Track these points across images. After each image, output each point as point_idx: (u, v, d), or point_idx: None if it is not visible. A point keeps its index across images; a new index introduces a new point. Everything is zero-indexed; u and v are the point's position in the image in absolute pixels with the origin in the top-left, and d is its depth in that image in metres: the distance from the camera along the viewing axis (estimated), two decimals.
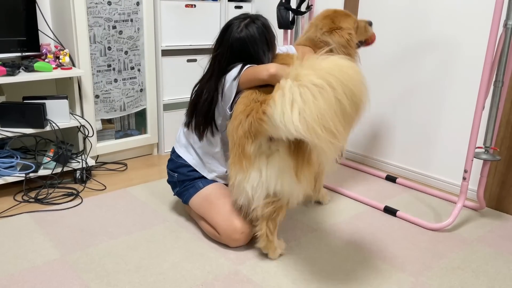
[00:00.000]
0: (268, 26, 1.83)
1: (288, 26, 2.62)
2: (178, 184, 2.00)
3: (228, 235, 1.78)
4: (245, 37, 1.76)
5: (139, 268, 1.68)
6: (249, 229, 1.80)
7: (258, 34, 1.77)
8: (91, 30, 2.48)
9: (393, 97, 2.64)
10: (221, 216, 1.81)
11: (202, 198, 1.90)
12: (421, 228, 2.06)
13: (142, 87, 2.79)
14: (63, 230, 1.95)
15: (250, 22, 1.78)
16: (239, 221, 1.79)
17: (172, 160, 2.03)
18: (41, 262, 1.70)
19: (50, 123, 2.28)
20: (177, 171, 1.98)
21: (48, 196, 2.25)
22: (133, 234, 1.93)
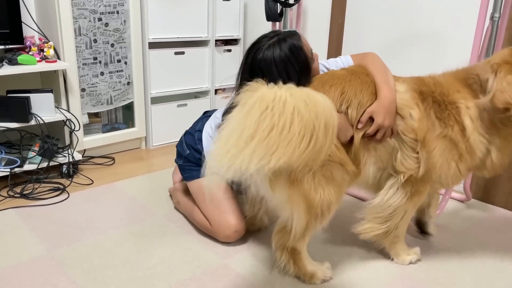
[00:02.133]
0: (298, 48, 1.58)
1: (276, 18, 2.60)
2: (184, 159, 1.94)
3: (221, 230, 1.77)
4: (265, 58, 1.54)
5: (127, 263, 1.67)
6: (243, 228, 1.79)
7: (284, 56, 1.54)
8: (76, 22, 2.44)
9: None
10: (218, 210, 1.79)
11: (203, 185, 1.87)
12: None
13: (129, 80, 2.76)
14: (49, 225, 1.93)
15: (276, 42, 1.57)
16: (235, 219, 1.77)
17: (192, 136, 1.94)
18: (27, 259, 1.68)
19: (35, 117, 2.24)
20: (190, 150, 1.91)
21: (34, 191, 2.22)
22: (121, 229, 1.91)
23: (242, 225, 1.79)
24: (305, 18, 2.95)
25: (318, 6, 2.86)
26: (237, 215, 1.79)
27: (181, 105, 3.00)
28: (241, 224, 1.78)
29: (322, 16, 2.85)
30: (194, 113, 2.85)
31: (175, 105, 2.98)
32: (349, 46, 2.77)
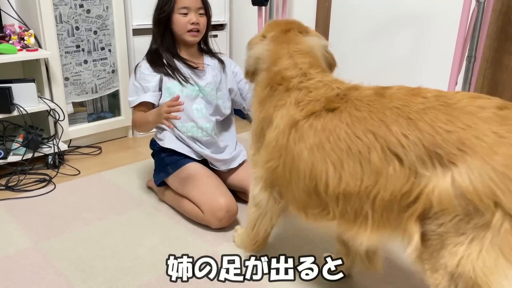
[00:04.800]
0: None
1: (262, 2, 2.56)
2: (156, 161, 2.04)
3: (212, 213, 1.76)
4: None
5: (115, 254, 1.66)
6: (234, 207, 1.80)
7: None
8: (57, 9, 2.38)
9: (367, 73, 2.64)
10: (206, 194, 1.79)
11: (184, 176, 1.88)
12: None
13: (114, 68, 2.71)
14: (35, 217, 1.90)
15: None
16: (225, 199, 1.77)
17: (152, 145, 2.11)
18: (13, 251, 1.66)
19: (18, 107, 2.20)
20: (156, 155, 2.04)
21: (19, 183, 2.19)
22: (108, 219, 1.90)
23: (233, 205, 1.79)
24: (291, 2, 2.91)
25: None
26: (226, 195, 1.79)
27: None
28: (232, 204, 1.79)
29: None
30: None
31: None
32: (336, 29, 2.75)
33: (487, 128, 0.99)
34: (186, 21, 1.90)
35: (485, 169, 0.96)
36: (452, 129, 1.01)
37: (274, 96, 1.39)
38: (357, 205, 1.16)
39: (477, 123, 1.01)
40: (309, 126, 1.23)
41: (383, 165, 1.09)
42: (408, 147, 1.05)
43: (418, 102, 1.10)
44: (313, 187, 1.22)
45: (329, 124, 1.19)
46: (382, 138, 1.09)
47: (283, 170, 1.30)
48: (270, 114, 1.38)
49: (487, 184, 0.96)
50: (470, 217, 1.00)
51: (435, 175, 1.03)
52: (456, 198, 1.00)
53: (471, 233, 1.00)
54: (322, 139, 1.19)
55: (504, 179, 0.94)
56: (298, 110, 1.28)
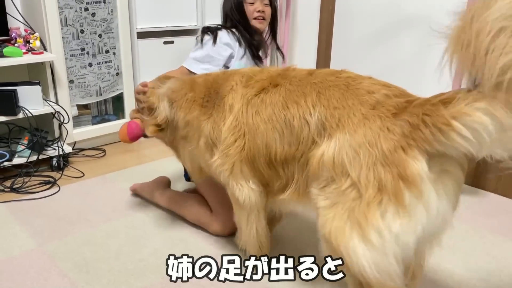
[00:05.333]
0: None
1: None
2: None
3: (223, 222, 1.75)
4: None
5: (119, 256, 1.66)
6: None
7: None
8: (62, 12, 2.40)
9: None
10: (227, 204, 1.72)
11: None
12: None
13: (118, 70, 2.73)
14: (40, 219, 1.91)
15: None
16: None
17: None
18: (17, 253, 1.67)
19: (23, 110, 2.22)
20: None
21: (24, 185, 2.20)
22: (112, 221, 1.91)
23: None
24: (295, 5, 2.92)
25: None
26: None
27: None
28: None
29: (312, 2, 2.82)
30: None
31: None
32: (339, 32, 2.76)
33: (359, 109, 1.15)
34: (253, 9, 2.03)
35: (344, 144, 1.13)
36: (338, 106, 1.18)
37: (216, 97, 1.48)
38: (292, 169, 1.31)
39: (355, 104, 1.16)
40: (261, 101, 1.35)
41: (301, 131, 1.25)
42: (313, 116, 1.22)
43: (330, 80, 1.26)
44: (269, 157, 1.34)
45: (274, 97, 1.33)
46: (301, 107, 1.25)
47: (249, 146, 1.38)
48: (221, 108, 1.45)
49: (341, 157, 1.12)
50: (332, 183, 1.15)
51: (322, 144, 1.19)
52: (322, 165, 1.17)
53: (332, 198, 1.16)
54: (270, 111, 1.32)
55: (354, 154, 1.10)
56: (248, 89, 1.41)
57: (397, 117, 1.08)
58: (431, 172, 1.04)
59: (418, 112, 1.04)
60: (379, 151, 1.07)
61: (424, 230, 1.06)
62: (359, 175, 1.09)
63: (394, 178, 1.04)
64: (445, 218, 1.09)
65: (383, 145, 1.07)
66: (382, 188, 1.05)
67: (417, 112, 1.05)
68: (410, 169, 1.03)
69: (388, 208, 1.05)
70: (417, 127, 1.03)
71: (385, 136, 1.07)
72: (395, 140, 1.06)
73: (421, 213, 1.04)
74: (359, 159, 1.09)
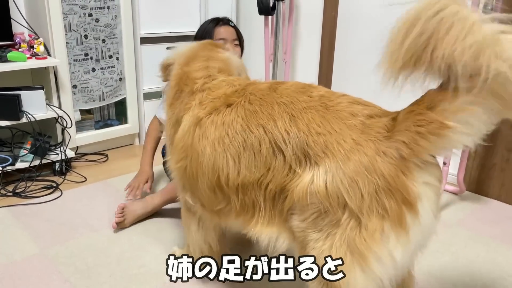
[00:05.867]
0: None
1: (268, 12, 2.59)
2: None
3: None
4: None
5: (121, 261, 1.66)
6: None
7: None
8: (66, 18, 2.41)
9: (372, 83, 2.64)
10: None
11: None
12: None
13: (121, 76, 2.74)
14: (42, 224, 1.91)
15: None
16: None
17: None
18: (19, 257, 1.67)
19: (26, 114, 2.22)
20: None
21: (26, 190, 2.20)
22: None
23: None
24: (298, 12, 2.93)
25: None
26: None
27: None
28: None
29: (315, 9, 2.83)
30: None
31: None
32: (342, 39, 2.76)
33: (349, 134, 1.06)
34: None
35: (338, 172, 1.04)
36: (321, 132, 1.09)
37: (181, 99, 1.42)
38: (254, 196, 1.22)
39: (342, 129, 1.08)
40: (210, 122, 1.27)
41: (271, 158, 1.15)
42: (289, 143, 1.12)
43: (302, 100, 1.16)
44: (215, 181, 1.26)
45: (227, 118, 1.23)
46: (270, 132, 1.15)
47: (191, 168, 1.32)
48: (179, 117, 1.40)
49: (337, 187, 1.04)
50: (325, 215, 1.07)
51: (304, 173, 1.10)
52: (311, 196, 1.08)
53: (326, 230, 1.08)
54: (222, 133, 1.23)
55: (351, 183, 1.02)
56: (201, 109, 1.32)
57: (390, 139, 1.03)
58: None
59: (409, 127, 1.00)
60: (380, 177, 1.01)
61: (417, 248, 1.06)
62: (360, 205, 1.02)
63: (398, 204, 1.00)
64: (433, 230, 1.07)
65: (384, 171, 1.01)
66: (386, 215, 1.01)
67: (407, 127, 1.00)
68: (412, 193, 1.00)
69: (391, 234, 1.01)
70: (414, 142, 0.99)
71: (382, 161, 1.01)
72: (395, 165, 1.01)
73: (418, 233, 1.02)
74: (357, 187, 1.02)
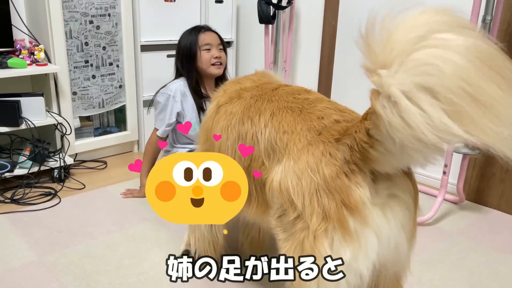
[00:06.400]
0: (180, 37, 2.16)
1: (269, 21, 2.60)
2: None
3: None
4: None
5: (119, 269, 1.65)
6: None
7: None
8: (67, 25, 2.42)
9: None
10: None
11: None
12: None
13: (121, 83, 2.74)
14: (40, 231, 1.90)
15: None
16: None
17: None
18: (17, 264, 1.65)
19: (26, 121, 2.22)
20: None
21: (24, 196, 2.19)
22: (113, 233, 1.89)
23: None
24: (298, 21, 2.95)
25: (311, 8, 2.86)
26: None
27: None
28: None
29: (315, 18, 2.85)
30: None
31: None
32: (342, 48, 2.78)
33: (305, 135, 1.10)
34: (210, 56, 2.08)
35: (289, 171, 1.08)
36: (287, 130, 1.14)
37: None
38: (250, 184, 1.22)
39: (303, 129, 1.11)
40: (224, 111, 1.36)
41: (254, 147, 1.20)
42: (264, 137, 1.18)
43: (286, 100, 1.22)
44: None
45: (234, 109, 1.32)
46: (254, 125, 1.22)
47: (208, 150, 1.39)
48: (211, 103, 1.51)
49: (287, 184, 1.07)
50: (285, 213, 1.10)
51: (270, 168, 1.15)
52: (272, 191, 1.12)
53: (288, 230, 1.10)
54: (227, 122, 1.31)
55: (298, 181, 1.05)
56: (223, 97, 1.42)
57: (339, 141, 1.04)
58: (378, 197, 1.01)
59: (352, 132, 1.01)
60: (321, 177, 1.02)
61: (378, 256, 1.02)
62: (303, 203, 1.03)
63: (338, 205, 1.00)
64: (398, 244, 1.05)
65: (325, 171, 1.02)
66: (326, 216, 1.00)
67: (352, 131, 1.01)
68: (353, 196, 0.99)
69: (335, 236, 1.00)
70: (353, 147, 0.99)
71: (327, 162, 1.03)
72: (337, 166, 1.01)
73: (372, 238, 1.00)
74: (301, 186, 1.04)
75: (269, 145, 1.16)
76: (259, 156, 1.19)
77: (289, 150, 1.11)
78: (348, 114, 1.14)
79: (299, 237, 1.06)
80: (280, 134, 1.14)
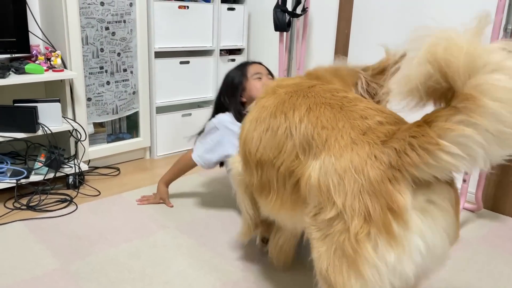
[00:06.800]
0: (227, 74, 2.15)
1: (284, 28, 2.61)
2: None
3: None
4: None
5: (144, 277, 1.63)
6: None
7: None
8: (84, 31, 2.41)
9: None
10: None
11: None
12: None
13: (135, 89, 2.73)
14: (59, 238, 1.88)
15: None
16: None
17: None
18: (40, 272, 1.63)
19: (42, 127, 2.20)
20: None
21: (40, 203, 2.17)
22: (133, 241, 1.88)
23: None
24: (311, 29, 2.96)
25: (324, 16, 2.88)
26: None
27: (185, 114, 2.98)
28: None
29: (329, 26, 2.86)
30: (197, 123, 2.83)
31: (180, 115, 2.95)
32: (355, 56, 2.79)
33: (348, 132, 1.09)
34: (262, 83, 2.08)
35: (329, 167, 1.07)
36: (326, 126, 1.13)
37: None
38: (269, 175, 1.29)
39: (345, 127, 1.11)
40: (258, 104, 1.39)
41: (284, 141, 1.22)
42: (299, 131, 1.18)
43: (324, 96, 1.23)
44: (243, 154, 1.39)
45: (267, 103, 1.34)
46: (288, 119, 1.22)
47: (244, 137, 1.42)
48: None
49: (327, 181, 1.06)
50: (321, 212, 1.09)
51: (306, 163, 1.15)
52: (309, 188, 1.12)
53: (323, 230, 1.09)
54: (257, 115, 1.34)
55: (340, 180, 1.04)
56: (261, 93, 1.45)
57: (385, 144, 1.03)
58: (417, 203, 1.00)
59: (405, 136, 0.99)
60: (366, 179, 1.00)
61: (423, 260, 1.02)
62: (343, 203, 1.02)
63: (383, 209, 0.98)
64: (441, 250, 1.05)
65: (370, 174, 1.00)
66: (369, 219, 0.99)
67: (404, 136, 0.99)
68: (397, 202, 0.98)
69: (379, 240, 0.99)
70: (403, 152, 0.98)
71: (372, 164, 1.01)
72: (382, 170, 1.00)
73: (417, 242, 1.00)
74: (344, 185, 1.03)
75: (304, 139, 1.16)
76: (293, 150, 1.19)
77: (329, 146, 1.10)
78: (390, 115, 1.13)
79: (338, 239, 1.05)
80: (318, 129, 1.14)
